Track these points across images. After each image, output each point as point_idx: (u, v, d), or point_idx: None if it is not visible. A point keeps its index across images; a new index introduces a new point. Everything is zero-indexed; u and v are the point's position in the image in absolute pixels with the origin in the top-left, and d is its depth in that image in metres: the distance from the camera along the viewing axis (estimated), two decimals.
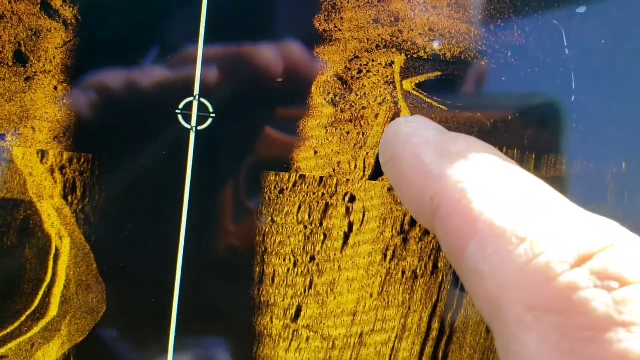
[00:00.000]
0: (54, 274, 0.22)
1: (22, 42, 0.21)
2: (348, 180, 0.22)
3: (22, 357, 0.22)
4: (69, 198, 0.22)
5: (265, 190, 0.22)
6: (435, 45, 0.22)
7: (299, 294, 0.22)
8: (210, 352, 0.22)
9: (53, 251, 0.22)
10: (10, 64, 0.21)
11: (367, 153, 0.22)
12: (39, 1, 0.21)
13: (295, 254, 0.22)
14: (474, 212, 0.13)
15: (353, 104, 0.22)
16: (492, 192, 0.13)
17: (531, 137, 0.22)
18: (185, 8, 0.21)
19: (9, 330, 0.22)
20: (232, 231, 0.22)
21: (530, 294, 0.12)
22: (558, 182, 0.23)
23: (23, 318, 0.22)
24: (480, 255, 0.13)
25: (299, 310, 0.22)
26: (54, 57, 0.21)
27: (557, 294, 0.11)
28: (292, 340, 0.22)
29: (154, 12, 0.21)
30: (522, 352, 0.11)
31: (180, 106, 0.22)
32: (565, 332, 0.11)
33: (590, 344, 0.10)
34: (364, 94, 0.22)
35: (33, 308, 0.22)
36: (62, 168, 0.22)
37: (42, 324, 0.22)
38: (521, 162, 0.22)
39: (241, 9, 0.22)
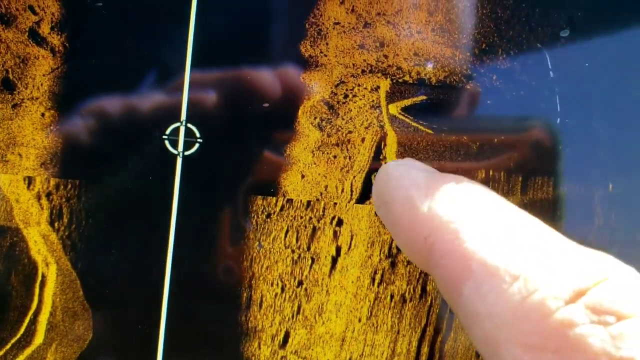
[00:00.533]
0: (40, 301, 0.22)
1: (9, 70, 0.22)
2: (335, 204, 0.22)
3: None
4: (56, 224, 0.22)
5: (253, 214, 0.22)
6: (429, 67, 0.22)
7: (287, 319, 0.22)
8: None
9: (39, 278, 0.22)
10: None
11: (354, 177, 0.22)
12: (27, 29, 0.22)
13: (283, 279, 0.22)
14: (468, 251, 0.13)
15: (339, 128, 0.22)
16: (484, 230, 0.14)
17: (517, 159, 0.23)
18: (172, 35, 0.22)
19: None
20: (220, 256, 0.22)
21: (526, 332, 0.12)
22: (545, 205, 0.23)
23: (8, 346, 0.22)
24: (476, 295, 0.13)
25: (287, 335, 0.22)
26: (42, 84, 0.22)
27: (553, 332, 0.11)
28: None
29: (140, 40, 0.22)
30: None
31: (167, 132, 0.22)
32: None
33: None
34: (350, 118, 0.22)
35: (19, 336, 0.22)
36: (48, 194, 0.22)
37: (28, 352, 0.22)
38: (508, 184, 0.23)
39: (228, 35, 0.22)
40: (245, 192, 0.22)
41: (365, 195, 0.22)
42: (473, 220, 0.14)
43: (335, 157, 0.22)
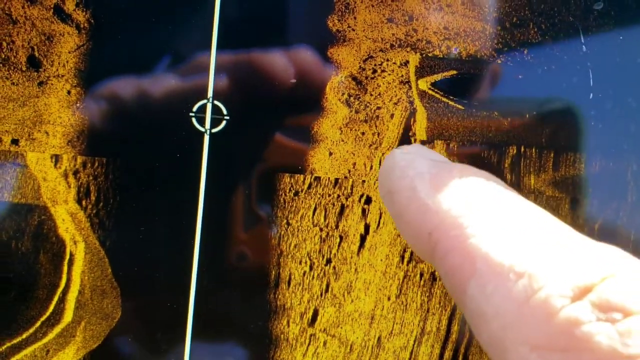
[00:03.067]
0: (69, 279, 0.23)
1: (35, 47, 0.22)
2: (364, 181, 0.23)
3: None
4: (83, 202, 0.23)
5: (280, 192, 0.23)
6: (454, 52, 0.23)
7: (315, 297, 0.23)
8: (227, 357, 0.23)
9: (67, 256, 0.23)
10: (24, 68, 0.22)
11: (383, 154, 0.23)
12: (52, 5, 0.22)
13: (311, 257, 0.23)
14: (471, 248, 0.13)
15: (368, 104, 0.23)
16: (488, 226, 0.14)
17: (549, 135, 0.23)
18: (198, 13, 0.22)
19: (23, 336, 0.23)
20: (247, 234, 0.23)
21: (532, 332, 0.12)
22: (577, 181, 0.23)
23: (38, 324, 0.23)
24: (481, 294, 0.13)
25: (315, 313, 0.23)
26: (67, 62, 0.22)
27: (559, 330, 0.11)
28: (309, 344, 0.23)
29: (167, 17, 0.22)
30: None
31: (194, 109, 0.23)
32: None
33: None
34: (379, 94, 0.23)
35: (48, 314, 0.23)
36: (75, 172, 0.23)
37: (57, 330, 0.23)
38: (539, 161, 0.23)
39: (254, 10, 0.22)
40: (272, 169, 0.23)
41: None
42: (478, 215, 0.14)
43: (363, 133, 0.23)
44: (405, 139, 0.23)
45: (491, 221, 0.14)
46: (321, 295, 0.23)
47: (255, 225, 0.23)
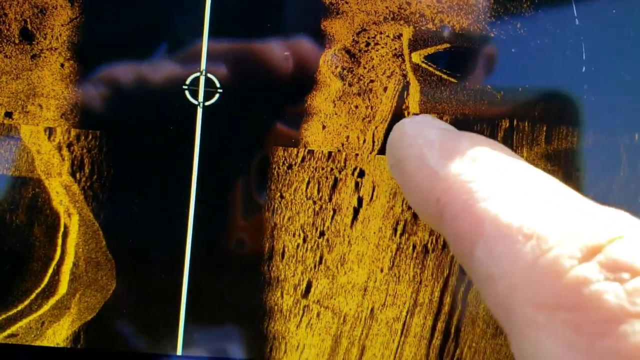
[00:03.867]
0: (63, 252, 0.23)
1: (28, 20, 0.23)
2: (357, 154, 0.23)
3: (32, 335, 0.23)
4: (77, 175, 0.23)
5: (274, 165, 0.23)
6: (446, 32, 0.23)
7: (309, 269, 0.23)
8: (220, 329, 0.23)
9: (62, 228, 0.23)
10: (17, 41, 0.23)
11: (376, 127, 0.23)
12: None
13: (305, 230, 0.23)
14: (480, 212, 0.14)
15: (361, 77, 0.23)
16: (497, 190, 0.14)
17: (542, 109, 0.23)
18: None
19: (19, 308, 0.23)
20: (242, 206, 0.23)
21: (540, 292, 0.12)
22: (570, 155, 0.24)
23: (33, 296, 0.23)
24: (489, 256, 0.13)
25: (309, 285, 0.24)
26: (60, 34, 0.23)
27: (567, 290, 0.12)
28: (302, 315, 0.24)
29: None
30: (536, 352, 0.12)
31: (187, 81, 0.23)
32: (578, 328, 0.11)
33: (604, 338, 0.11)
34: (372, 67, 0.23)
35: (42, 286, 0.23)
36: (69, 145, 0.23)
37: (52, 301, 0.23)
38: (532, 134, 0.24)
39: None
40: (266, 142, 0.23)
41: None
42: (486, 180, 0.14)
43: (356, 107, 0.23)
44: (399, 112, 0.23)
45: (500, 186, 0.14)
46: (315, 267, 0.24)
47: (251, 199, 0.23)
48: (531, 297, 0.12)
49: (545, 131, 0.24)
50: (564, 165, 0.24)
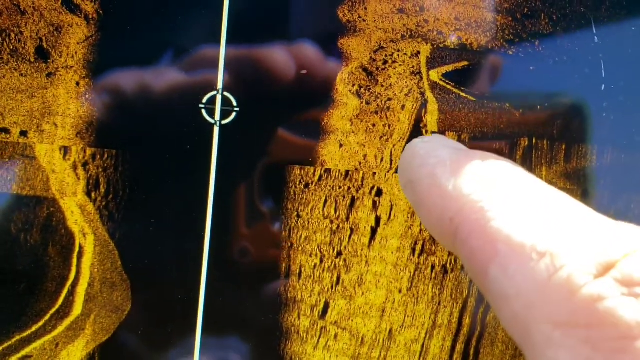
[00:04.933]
0: (78, 272, 0.23)
1: (43, 38, 0.23)
2: (374, 173, 0.23)
3: (46, 357, 0.23)
4: (93, 195, 0.23)
5: (290, 184, 0.23)
6: (453, 39, 0.23)
7: (326, 289, 0.23)
8: (237, 349, 0.23)
9: (77, 249, 0.23)
10: (32, 60, 0.23)
11: (394, 145, 0.23)
12: None
13: (322, 249, 0.23)
14: (493, 231, 0.14)
15: (379, 96, 0.23)
16: (509, 208, 0.14)
17: (561, 127, 0.24)
18: (208, 6, 0.23)
19: (33, 329, 0.23)
20: (258, 226, 0.23)
21: (555, 310, 0.12)
22: (589, 173, 0.24)
23: (47, 317, 0.23)
24: (503, 275, 0.13)
25: (326, 306, 0.24)
26: (76, 53, 0.23)
27: (582, 307, 0.12)
28: (320, 337, 0.24)
29: (176, 9, 0.23)
30: None
31: (204, 100, 0.23)
32: (596, 346, 0.11)
33: (622, 355, 0.11)
34: (390, 85, 0.23)
35: (57, 307, 0.23)
36: (85, 164, 0.23)
37: (67, 322, 0.23)
38: (551, 152, 0.24)
39: (263, 3, 0.23)
40: (283, 162, 0.23)
41: None
42: (499, 199, 0.14)
43: (374, 125, 0.23)
44: (417, 130, 0.23)
45: (512, 204, 0.14)
46: (332, 287, 0.24)
47: (267, 218, 0.23)
48: (547, 315, 0.12)
49: (565, 149, 0.24)
50: (583, 184, 0.24)
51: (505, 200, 0.14)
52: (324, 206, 0.24)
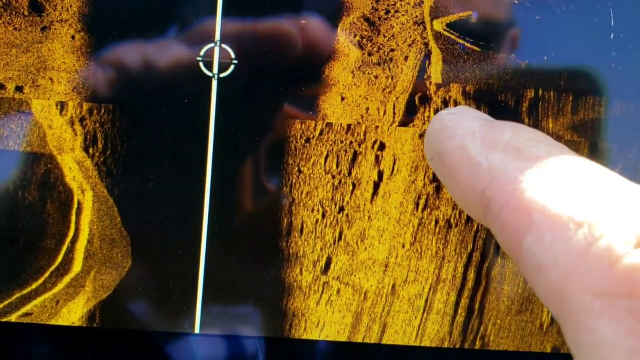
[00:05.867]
0: (77, 229, 0.23)
1: None
2: (377, 127, 0.23)
3: (47, 314, 0.23)
4: (90, 150, 0.23)
5: (291, 139, 0.23)
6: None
7: (328, 245, 0.23)
8: (239, 306, 0.23)
9: (75, 205, 0.23)
10: (26, 13, 0.22)
11: (397, 98, 0.23)
12: None
13: (324, 205, 0.23)
14: (528, 202, 0.14)
15: (381, 46, 0.23)
16: (544, 179, 0.14)
17: (568, 78, 0.23)
18: None
19: (33, 286, 0.23)
20: (259, 181, 0.23)
21: (595, 279, 0.12)
22: (596, 125, 0.23)
23: (47, 274, 0.23)
24: (539, 246, 0.13)
25: (328, 261, 0.23)
26: (71, 5, 0.22)
27: (623, 277, 0.11)
28: (322, 292, 0.24)
29: None
30: (594, 340, 0.12)
31: (201, 53, 0.23)
32: (637, 314, 0.11)
33: None
34: (392, 35, 0.23)
35: (57, 264, 0.23)
36: (82, 119, 0.23)
37: (67, 279, 0.23)
38: (558, 104, 0.23)
39: None
40: (282, 116, 0.23)
41: (408, 117, 0.23)
42: (532, 170, 0.14)
43: (376, 77, 0.23)
44: (420, 82, 0.23)
45: (546, 174, 0.14)
46: (334, 243, 0.24)
47: (268, 173, 0.23)
48: (586, 285, 0.12)
49: (572, 101, 0.23)
50: (591, 136, 0.24)
51: (539, 170, 0.14)
52: (326, 161, 0.23)
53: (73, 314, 0.23)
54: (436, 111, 0.23)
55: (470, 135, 0.16)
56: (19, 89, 0.23)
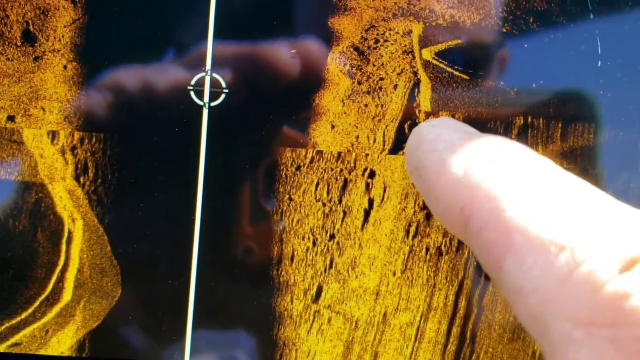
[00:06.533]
0: (67, 258, 0.23)
1: (30, 21, 0.23)
2: (367, 154, 0.23)
3: (36, 344, 0.23)
4: (81, 179, 0.23)
5: (282, 167, 0.23)
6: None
7: (319, 273, 0.23)
8: (229, 335, 0.23)
9: (66, 234, 0.23)
10: (19, 43, 0.23)
11: (387, 126, 0.23)
12: None
13: (314, 233, 0.23)
14: (508, 221, 0.13)
15: (370, 75, 0.23)
16: (525, 197, 0.13)
17: (557, 105, 0.23)
18: None
19: (22, 316, 0.23)
20: (249, 210, 0.23)
21: (577, 307, 0.11)
22: (586, 152, 0.24)
23: (37, 304, 0.23)
24: (519, 269, 0.13)
25: (319, 290, 0.24)
26: (63, 36, 0.23)
27: (606, 305, 0.11)
28: (313, 321, 0.24)
29: None
30: None
31: (192, 82, 0.23)
32: (621, 346, 0.11)
33: None
34: (382, 64, 0.23)
35: (46, 293, 0.23)
36: (73, 148, 0.23)
37: (56, 309, 0.23)
38: (547, 131, 0.23)
39: None
40: (273, 144, 0.23)
41: (398, 145, 0.23)
42: (513, 186, 0.14)
43: (366, 105, 0.23)
44: (410, 110, 0.23)
45: (527, 192, 0.13)
46: (325, 271, 0.24)
47: (259, 201, 0.23)
48: (567, 313, 0.12)
49: (561, 128, 0.24)
50: (581, 163, 0.24)
51: (521, 188, 0.13)
52: (316, 189, 0.24)
53: (62, 343, 0.23)
54: None
55: (450, 149, 0.16)
56: (10, 118, 0.23)
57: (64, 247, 0.23)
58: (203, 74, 0.23)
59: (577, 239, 0.12)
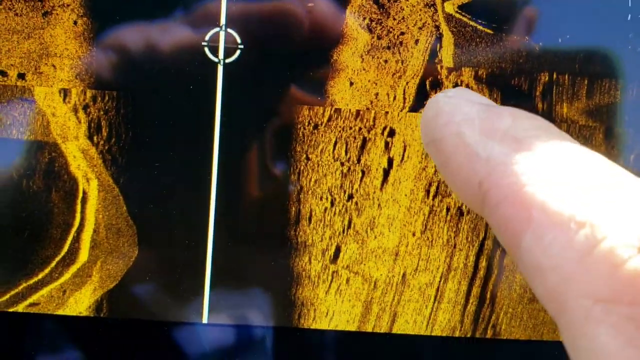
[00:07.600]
0: (83, 218, 0.23)
1: None
2: (387, 112, 0.23)
3: (54, 304, 0.23)
4: (95, 138, 0.23)
5: (299, 125, 0.23)
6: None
7: (337, 234, 0.23)
8: (247, 295, 0.23)
9: (80, 194, 0.23)
10: None
11: (407, 83, 0.23)
12: None
13: (332, 193, 0.23)
14: (527, 197, 0.13)
15: (391, 29, 0.22)
16: (546, 173, 0.13)
17: (583, 61, 0.23)
18: None
19: (39, 277, 0.23)
20: (266, 168, 0.23)
21: (596, 284, 0.11)
22: (612, 109, 0.23)
23: (53, 264, 0.23)
24: (538, 246, 0.13)
25: (337, 250, 0.23)
26: None
27: (626, 283, 0.11)
28: (331, 281, 0.24)
29: None
30: (591, 347, 0.12)
31: (207, 38, 0.22)
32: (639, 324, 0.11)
33: None
34: (402, 18, 0.22)
35: (63, 254, 0.23)
36: (85, 107, 0.23)
37: (73, 269, 0.23)
38: (572, 88, 0.23)
39: None
40: (290, 101, 0.23)
41: (419, 102, 0.23)
42: (533, 161, 0.13)
43: (386, 61, 0.23)
44: (431, 66, 0.23)
45: (548, 168, 0.13)
46: (343, 231, 0.23)
47: (273, 159, 0.23)
48: (586, 290, 0.12)
49: (587, 84, 0.23)
50: (606, 121, 0.23)
51: (541, 163, 0.13)
52: (334, 148, 0.23)
53: (80, 304, 0.24)
54: None
55: (469, 122, 0.16)
56: (21, 76, 0.23)
57: (79, 207, 0.23)
58: (217, 29, 0.23)
59: (598, 216, 0.12)
